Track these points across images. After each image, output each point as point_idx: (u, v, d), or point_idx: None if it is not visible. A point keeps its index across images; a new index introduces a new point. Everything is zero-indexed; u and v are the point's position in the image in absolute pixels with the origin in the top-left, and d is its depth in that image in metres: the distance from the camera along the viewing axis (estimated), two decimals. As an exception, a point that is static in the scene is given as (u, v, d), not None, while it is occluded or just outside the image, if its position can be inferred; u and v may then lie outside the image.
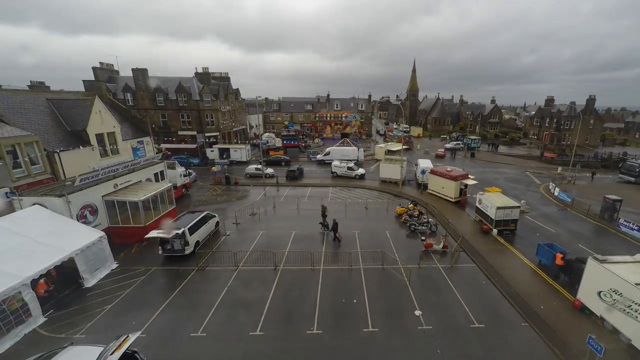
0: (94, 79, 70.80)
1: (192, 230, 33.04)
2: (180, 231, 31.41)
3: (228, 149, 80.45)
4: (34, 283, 23.39)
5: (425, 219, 40.58)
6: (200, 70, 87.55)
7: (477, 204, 43.08)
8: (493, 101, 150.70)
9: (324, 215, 39.73)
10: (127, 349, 17.71)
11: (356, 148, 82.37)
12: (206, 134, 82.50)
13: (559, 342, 22.03)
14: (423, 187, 56.98)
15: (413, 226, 39.59)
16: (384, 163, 62.65)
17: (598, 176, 69.71)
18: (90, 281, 27.79)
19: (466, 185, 50.46)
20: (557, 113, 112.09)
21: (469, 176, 51.22)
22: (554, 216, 45.10)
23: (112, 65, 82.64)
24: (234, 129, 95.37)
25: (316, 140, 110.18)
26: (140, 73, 76.44)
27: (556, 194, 55.05)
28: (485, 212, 40.75)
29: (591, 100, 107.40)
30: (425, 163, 61.20)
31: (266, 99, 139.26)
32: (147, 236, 31.81)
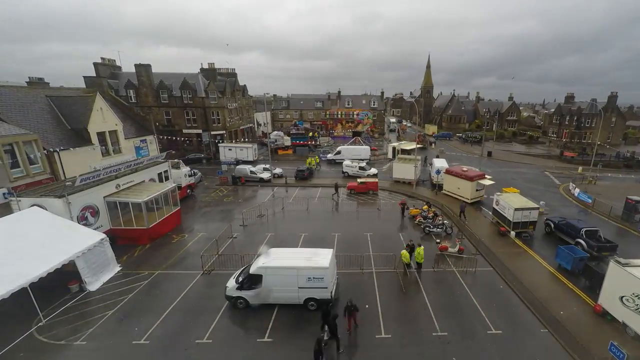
0: (95, 75, 71.33)
1: None
2: None
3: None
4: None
5: (440, 220, 40.23)
6: (205, 66, 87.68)
7: (495, 205, 42.65)
8: (511, 98, 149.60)
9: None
10: None
11: (368, 147, 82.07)
12: (212, 132, 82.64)
13: (580, 349, 21.84)
14: (438, 187, 56.56)
15: (427, 228, 39.31)
16: (397, 163, 62.36)
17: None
18: (93, 285, 27.82)
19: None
20: (577, 110, 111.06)
21: (486, 176, 50.71)
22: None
23: (114, 60, 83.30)
24: (241, 127, 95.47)
25: (323, 140, 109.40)
26: (143, 69, 76.87)
27: (576, 194, 54.71)
28: (503, 213, 40.36)
29: (613, 97, 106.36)
30: (440, 163, 60.74)
31: (274, 96, 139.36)
32: None
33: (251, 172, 62.51)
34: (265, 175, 62.83)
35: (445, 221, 40.35)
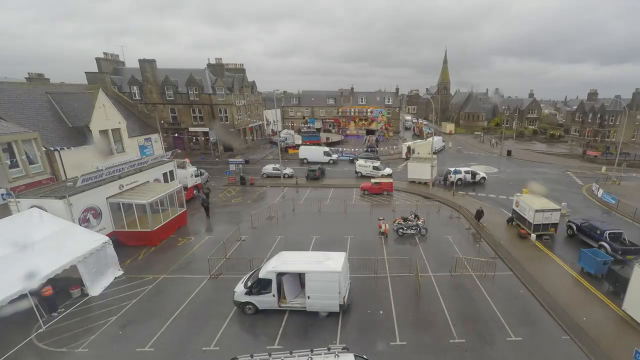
0: (97, 70, 71.65)
1: None
2: None
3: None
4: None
5: (412, 222, 40.08)
6: (212, 61, 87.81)
7: (514, 207, 42.52)
8: (531, 95, 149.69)
9: None
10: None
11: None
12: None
13: (603, 357, 21.87)
14: (455, 187, 56.42)
15: (401, 230, 39.32)
16: (412, 162, 62.27)
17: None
18: (95, 290, 27.92)
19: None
20: (600, 108, 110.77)
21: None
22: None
23: (117, 55, 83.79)
24: (250, 125, 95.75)
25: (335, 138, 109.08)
26: (147, 64, 77.42)
27: (600, 195, 54.68)
28: (523, 215, 40.21)
29: (638, 94, 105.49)
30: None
31: (285, 92, 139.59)
32: None
33: (274, 168, 65.27)
34: (288, 170, 65.60)
35: (418, 222, 40.00)
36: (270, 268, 25.13)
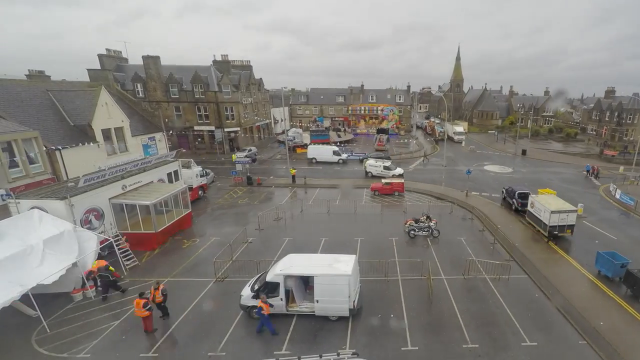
0: (99, 67, 71.95)
1: None
2: None
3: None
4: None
5: (424, 223, 39.93)
6: (219, 58, 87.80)
7: (529, 208, 42.54)
8: (547, 92, 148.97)
9: None
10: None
11: None
12: (225, 129, 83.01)
13: None
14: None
15: (413, 232, 39.22)
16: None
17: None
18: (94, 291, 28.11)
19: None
20: (618, 106, 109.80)
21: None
22: (615, 221, 44.24)
23: (120, 52, 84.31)
24: (257, 124, 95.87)
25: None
26: (151, 61, 77.42)
27: (617, 196, 54.69)
28: (538, 216, 40.19)
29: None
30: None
31: (293, 90, 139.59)
32: None
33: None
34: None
35: (430, 223, 39.85)
36: (278, 271, 25.08)
